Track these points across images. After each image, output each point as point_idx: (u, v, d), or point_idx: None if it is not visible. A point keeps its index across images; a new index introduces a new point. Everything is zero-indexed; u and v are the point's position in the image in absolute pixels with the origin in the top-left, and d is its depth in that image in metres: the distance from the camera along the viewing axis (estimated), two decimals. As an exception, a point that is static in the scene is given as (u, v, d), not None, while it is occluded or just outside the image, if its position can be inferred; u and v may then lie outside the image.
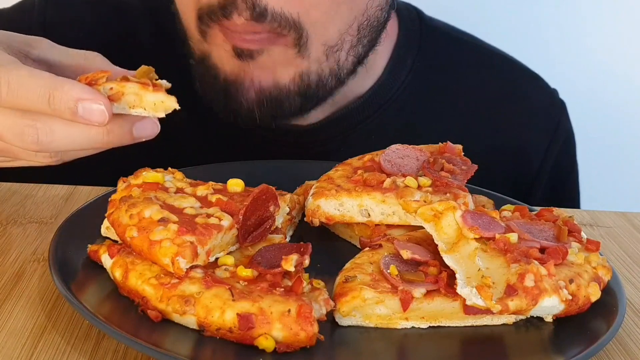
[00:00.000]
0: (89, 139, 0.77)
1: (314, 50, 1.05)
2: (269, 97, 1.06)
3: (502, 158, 1.27)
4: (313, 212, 0.91)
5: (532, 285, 0.75)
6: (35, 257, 0.89)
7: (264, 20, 0.99)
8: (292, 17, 1.00)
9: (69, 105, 0.75)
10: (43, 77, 0.76)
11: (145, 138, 0.80)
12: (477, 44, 1.34)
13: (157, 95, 0.76)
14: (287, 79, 1.06)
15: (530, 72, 1.36)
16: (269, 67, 1.05)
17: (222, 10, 1.00)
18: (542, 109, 1.33)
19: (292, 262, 0.75)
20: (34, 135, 0.76)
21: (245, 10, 0.98)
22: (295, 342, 0.71)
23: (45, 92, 0.75)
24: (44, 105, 0.75)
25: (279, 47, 1.03)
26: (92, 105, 0.75)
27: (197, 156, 1.15)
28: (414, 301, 0.77)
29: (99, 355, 0.73)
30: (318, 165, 1.05)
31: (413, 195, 0.88)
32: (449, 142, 0.98)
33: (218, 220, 0.79)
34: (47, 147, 0.77)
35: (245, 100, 1.06)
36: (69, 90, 0.75)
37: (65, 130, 0.77)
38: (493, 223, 0.82)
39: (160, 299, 0.74)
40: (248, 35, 1.01)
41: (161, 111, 0.77)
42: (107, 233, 0.86)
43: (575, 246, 0.83)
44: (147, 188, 0.84)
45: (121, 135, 0.78)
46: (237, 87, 1.06)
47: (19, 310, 0.79)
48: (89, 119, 0.75)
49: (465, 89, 1.29)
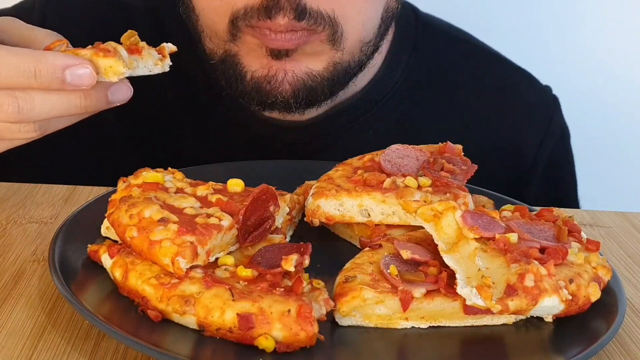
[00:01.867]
0: (69, 104, 0.78)
1: (348, 44, 1.08)
2: (303, 86, 1.08)
3: (496, 153, 1.28)
4: (313, 212, 0.91)
5: (532, 285, 0.75)
6: (35, 257, 0.89)
7: (303, 19, 1.02)
8: (327, 14, 1.04)
9: (57, 75, 0.76)
10: (23, 53, 0.77)
11: (119, 102, 0.81)
12: (471, 42, 1.36)
13: (106, 61, 0.78)
14: (321, 68, 1.09)
15: (522, 70, 1.37)
16: (304, 60, 1.08)
17: (266, 11, 1.01)
18: (535, 105, 1.33)
19: (292, 262, 0.75)
20: (14, 104, 0.76)
21: (290, 11, 1.01)
22: (295, 342, 0.71)
23: (31, 67, 0.75)
24: (30, 80, 0.76)
25: (313, 43, 1.06)
26: (80, 69, 0.76)
27: (197, 156, 1.15)
28: (414, 301, 0.77)
29: (99, 355, 0.73)
30: (318, 165, 1.05)
31: (413, 195, 0.88)
32: (449, 142, 0.98)
33: (218, 220, 0.79)
34: (28, 115, 0.77)
35: (280, 93, 1.08)
36: (54, 60, 0.76)
37: (44, 97, 0.77)
38: (493, 223, 0.82)
39: (160, 299, 0.74)
40: (287, 35, 1.04)
41: (112, 75, 0.78)
42: (107, 233, 0.86)
43: (575, 246, 0.83)
44: (147, 188, 0.84)
45: (97, 99, 0.79)
46: (270, 81, 1.08)
47: (19, 310, 0.79)
48: (79, 83, 0.77)
49: (458, 85, 1.30)
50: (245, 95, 1.11)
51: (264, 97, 1.09)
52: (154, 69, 0.82)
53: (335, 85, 1.12)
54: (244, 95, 1.11)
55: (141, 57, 0.81)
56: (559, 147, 1.34)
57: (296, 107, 1.10)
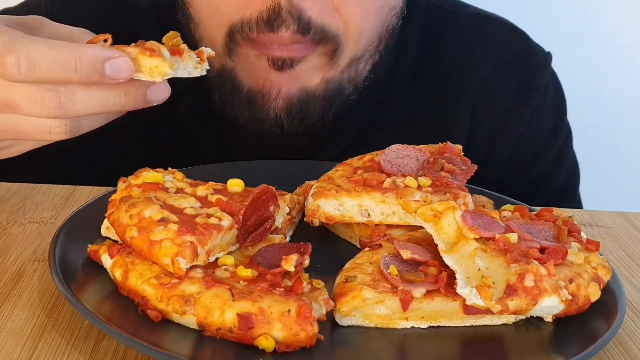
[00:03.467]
0: (108, 100, 0.78)
1: (343, 59, 1.08)
2: (297, 103, 1.09)
3: (484, 115, 1.28)
4: (313, 212, 0.91)
5: (532, 285, 0.75)
6: (35, 257, 0.89)
7: (308, 33, 1.02)
8: (331, 30, 1.04)
9: (97, 67, 0.75)
10: (63, 46, 0.76)
11: (157, 102, 0.81)
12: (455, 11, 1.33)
13: (152, 60, 0.77)
14: (314, 84, 1.09)
15: (511, 25, 1.35)
16: (301, 75, 1.07)
17: (267, 24, 1.01)
18: (517, 61, 1.31)
19: (292, 262, 0.75)
20: (55, 98, 0.75)
21: (293, 23, 1.01)
22: (295, 342, 0.71)
23: (71, 61, 0.75)
24: (70, 74, 0.75)
25: (316, 55, 1.06)
26: (119, 61, 0.76)
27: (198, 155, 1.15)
28: (414, 301, 0.77)
29: (99, 355, 0.73)
30: (318, 165, 1.05)
31: (413, 195, 0.88)
32: (449, 142, 0.99)
33: (218, 220, 0.79)
34: (69, 110, 0.76)
35: (273, 109, 1.08)
36: (94, 53, 0.75)
37: (85, 92, 0.77)
38: (493, 223, 0.82)
39: (160, 299, 0.74)
40: (292, 46, 1.04)
41: (157, 76, 0.78)
42: (107, 233, 0.86)
43: (575, 246, 0.83)
44: (147, 188, 0.84)
45: (136, 97, 0.79)
46: (264, 97, 1.08)
47: (19, 310, 0.79)
48: (117, 76, 0.76)
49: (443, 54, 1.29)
50: (238, 109, 1.10)
51: (256, 112, 1.09)
52: (193, 72, 0.82)
53: (330, 104, 1.11)
54: (236, 109, 1.11)
55: (182, 59, 0.80)
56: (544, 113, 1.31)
57: (288, 123, 1.09)
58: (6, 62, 0.74)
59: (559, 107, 1.34)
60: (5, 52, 0.74)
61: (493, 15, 1.36)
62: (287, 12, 1.00)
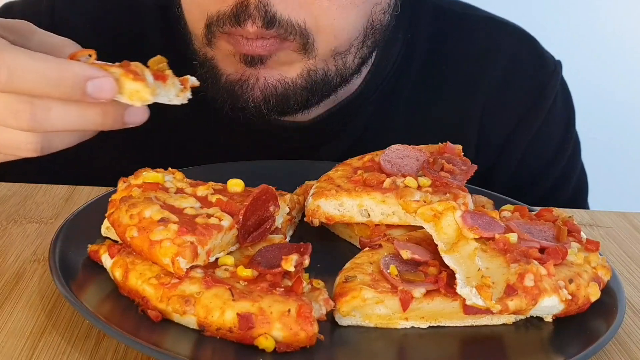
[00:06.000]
0: (85, 119, 0.75)
1: (320, 52, 1.07)
2: (275, 93, 1.07)
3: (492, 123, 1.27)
4: (313, 212, 0.91)
5: (532, 285, 0.75)
6: (35, 257, 0.89)
7: (272, 27, 1.01)
8: (298, 24, 1.02)
9: (80, 86, 0.73)
10: (47, 60, 0.74)
11: (134, 124, 0.78)
12: (465, 13, 1.33)
13: (134, 85, 0.75)
14: (294, 75, 1.08)
15: (522, 31, 1.34)
16: (275, 67, 1.07)
17: (235, 18, 1.01)
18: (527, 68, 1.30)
19: (292, 262, 0.75)
20: (30, 112, 0.73)
21: (259, 18, 1.00)
22: (295, 342, 0.71)
23: (54, 76, 0.73)
24: (51, 89, 0.73)
25: (285, 51, 1.05)
26: (102, 81, 0.73)
27: (197, 155, 1.15)
28: (414, 301, 0.77)
29: (99, 355, 0.73)
30: (318, 165, 1.05)
31: (413, 195, 0.88)
32: (449, 142, 0.99)
33: (218, 220, 0.79)
34: (43, 125, 0.74)
35: (252, 98, 1.07)
36: (79, 71, 0.73)
37: (62, 108, 0.74)
38: (493, 223, 0.82)
39: (161, 299, 0.74)
40: (257, 42, 1.03)
41: (137, 100, 0.75)
42: (107, 233, 0.86)
43: (575, 246, 0.83)
44: (147, 188, 0.84)
45: (114, 118, 0.76)
46: (242, 86, 1.07)
47: (19, 311, 0.79)
48: (99, 96, 0.74)
49: (452, 57, 1.28)
50: (219, 98, 1.10)
51: (236, 101, 1.08)
52: (174, 100, 0.79)
53: (313, 94, 1.10)
54: (218, 98, 1.10)
55: (165, 85, 0.77)
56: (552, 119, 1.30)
57: (268, 113, 1.08)
58: None
59: (568, 116, 1.34)
60: None
61: (504, 20, 1.35)
62: (254, 7, 1.00)
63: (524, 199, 1.12)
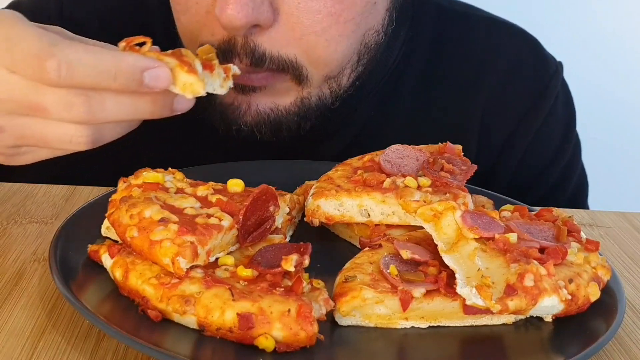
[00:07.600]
0: (137, 109, 0.76)
1: (315, 80, 1.06)
2: (267, 120, 1.07)
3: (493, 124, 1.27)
4: (313, 212, 0.91)
5: (532, 285, 0.75)
6: (35, 257, 0.89)
7: (262, 65, 1.01)
8: (289, 59, 1.02)
9: (136, 77, 0.73)
10: (102, 52, 0.74)
11: (181, 111, 0.79)
12: (467, 13, 1.33)
13: (188, 77, 0.75)
14: (288, 102, 1.08)
15: (524, 32, 1.34)
16: (269, 95, 1.06)
17: (223, 55, 1.00)
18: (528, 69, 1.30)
19: (292, 262, 0.75)
20: (85, 104, 0.73)
21: (246, 57, 1.00)
22: (295, 342, 0.71)
23: (111, 68, 0.73)
24: (109, 81, 0.73)
25: (279, 82, 1.04)
26: (158, 71, 0.74)
27: (198, 156, 1.15)
28: (414, 301, 0.77)
29: (99, 355, 0.73)
30: (318, 165, 1.05)
31: (413, 195, 0.88)
32: (449, 142, 0.99)
33: (218, 220, 0.79)
34: (98, 116, 0.74)
35: (244, 123, 1.07)
36: (134, 62, 0.73)
37: (115, 98, 0.74)
38: (493, 223, 0.82)
39: (161, 298, 0.74)
40: (251, 75, 1.02)
41: (189, 93, 0.76)
42: (108, 233, 0.86)
43: (574, 246, 0.83)
44: (148, 188, 0.84)
45: (163, 105, 0.77)
46: (234, 111, 1.07)
47: (19, 310, 0.79)
48: (154, 85, 0.74)
49: (453, 57, 1.28)
50: (214, 121, 1.10)
51: (229, 124, 1.08)
52: (218, 90, 0.79)
53: (306, 120, 1.10)
54: (213, 120, 1.10)
55: (211, 75, 0.78)
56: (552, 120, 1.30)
57: (260, 137, 1.08)
58: (47, 67, 0.72)
59: (568, 117, 1.34)
60: (46, 57, 0.72)
61: (506, 21, 1.35)
62: (240, 47, 0.99)
63: (524, 199, 1.12)
